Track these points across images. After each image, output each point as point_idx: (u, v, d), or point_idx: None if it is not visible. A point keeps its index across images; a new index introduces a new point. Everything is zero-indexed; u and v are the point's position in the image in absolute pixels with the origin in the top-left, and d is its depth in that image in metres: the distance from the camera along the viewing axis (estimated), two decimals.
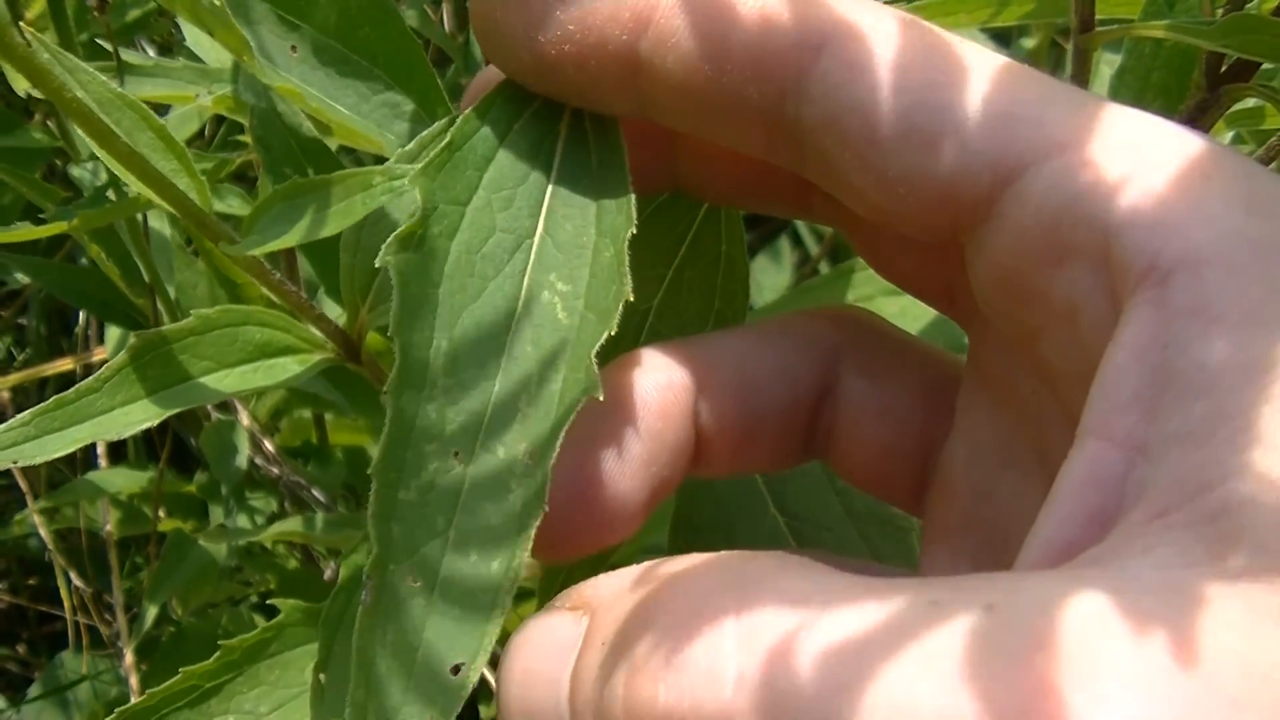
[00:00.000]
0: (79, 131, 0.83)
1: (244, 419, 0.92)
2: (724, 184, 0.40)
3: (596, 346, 0.32)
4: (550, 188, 0.34)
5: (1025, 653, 0.22)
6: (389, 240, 0.31)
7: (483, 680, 1.02)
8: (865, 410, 0.38)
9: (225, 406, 0.97)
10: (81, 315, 1.06)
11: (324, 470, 0.95)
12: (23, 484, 1.00)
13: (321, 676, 0.49)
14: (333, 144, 0.55)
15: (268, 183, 0.54)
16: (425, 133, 0.48)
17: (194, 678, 0.54)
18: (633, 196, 0.34)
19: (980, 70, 0.31)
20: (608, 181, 0.35)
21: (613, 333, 0.32)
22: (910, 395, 0.39)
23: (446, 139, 0.34)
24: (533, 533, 0.30)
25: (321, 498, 0.91)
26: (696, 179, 0.40)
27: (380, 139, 0.51)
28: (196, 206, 0.42)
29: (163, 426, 1.13)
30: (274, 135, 0.55)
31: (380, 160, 0.49)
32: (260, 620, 1.03)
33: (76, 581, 1.06)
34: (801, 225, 1.20)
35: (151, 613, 0.92)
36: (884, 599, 0.24)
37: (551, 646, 0.30)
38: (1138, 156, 0.29)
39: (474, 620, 0.30)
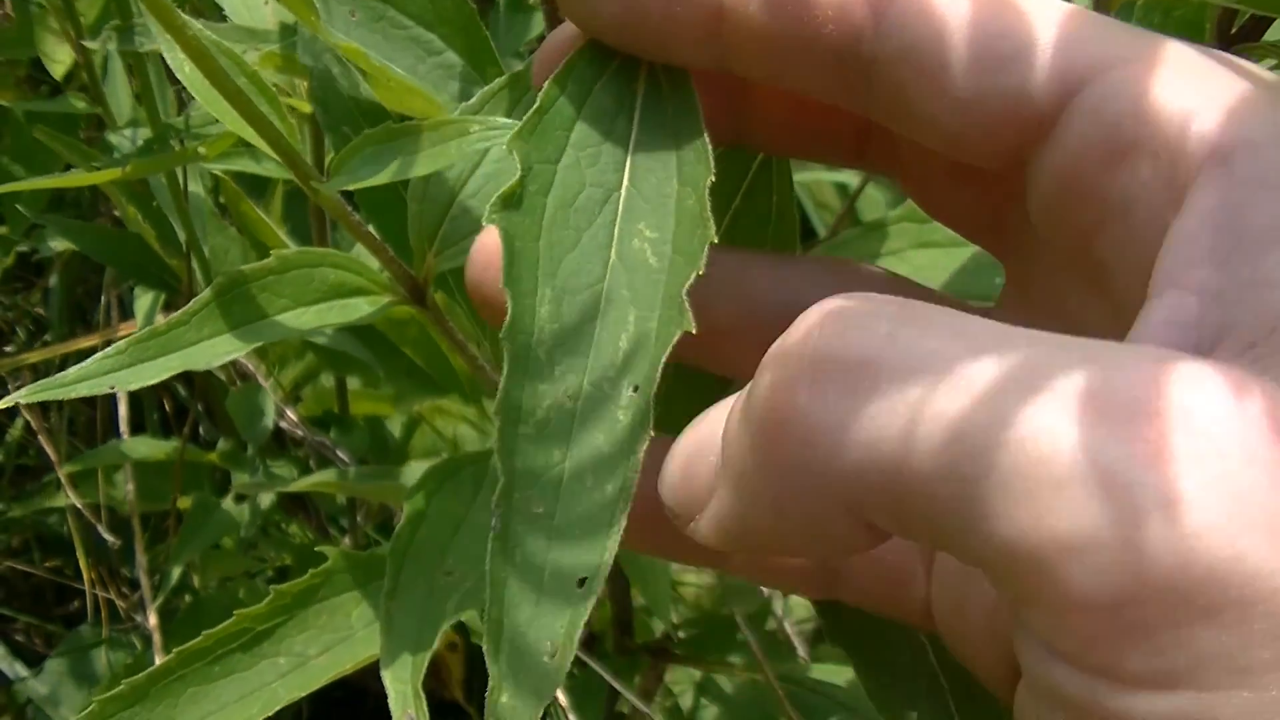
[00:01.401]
0: (118, 97, 0.86)
1: (265, 382, 0.94)
2: (787, 134, 0.43)
3: (687, 285, 0.34)
4: (632, 142, 0.37)
5: (1145, 404, 0.25)
6: (492, 201, 0.34)
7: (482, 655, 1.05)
8: None
9: (246, 376, 1.00)
10: (103, 297, 1.07)
11: (346, 436, 0.97)
12: (51, 453, 1.02)
13: (391, 605, 0.51)
14: None
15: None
16: (485, 89, 0.51)
17: (247, 620, 0.57)
18: (709, 145, 0.37)
19: (1045, 3, 0.34)
20: (684, 133, 0.37)
21: (700, 273, 0.34)
22: None
23: (536, 104, 0.36)
24: (640, 455, 0.33)
25: (347, 459, 0.94)
26: (760, 130, 0.43)
27: (432, 99, 0.54)
28: (290, 145, 0.45)
29: (181, 406, 1.15)
30: (332, 96, 0.58)
31: None
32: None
33: (102, 548, 1.07)
34: (811, 210, 1.22)
35: (175, 573, 0.94)
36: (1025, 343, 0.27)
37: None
38: (1194, 67, 0.32)
39: (594, 539, 0.32)
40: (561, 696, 0.74)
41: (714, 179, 0.36)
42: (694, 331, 0.34)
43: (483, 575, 0.50)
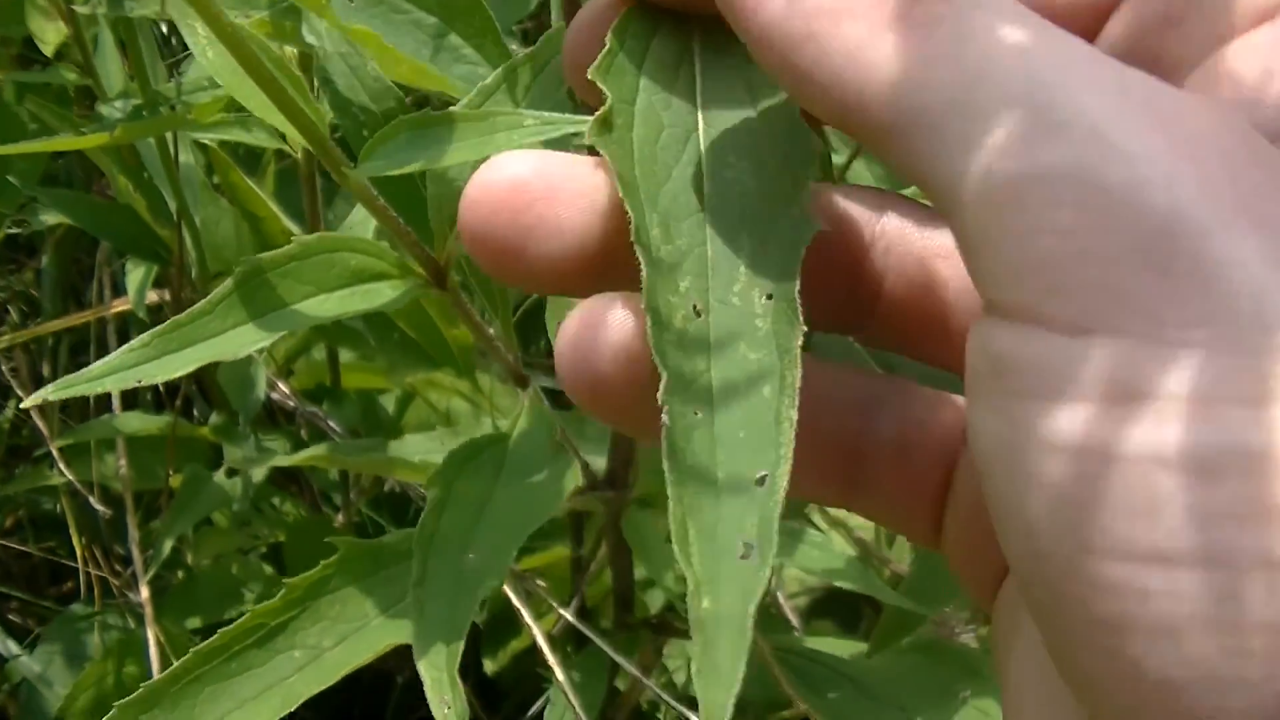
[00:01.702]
0: (109, 70, 0.85)
1: (262, 365, 0.94)
2: None
3: (802, 190, 0.34)
4: (699, 87, 0.37)
5: None
6: (590, 123, 0.34)
7: (481, 630, 1.05)
8: (922, 256, 0.38)
9: None
10: (95, 275, 1.06)
11: (338, 409, 0.97)
12: (44, 430, 1.01)
13: (421, 593, 0.51)
14: None
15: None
16: (504, 66, 0.51)
17: (260, 615, 0.57)
18: None
19: None
20: (754, 70, 0.37)
21: (816, 178, 0.35)
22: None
23: (606, 47, 0.36)
24: (798, 352, 0.32)
25: (339, 431, 0.93)
26: None
27: (446, 80, 0.53)
28: (320, 131, 0.45)
29: (174, 383, 1.14)
30: (340, 76, 0.57)
31: (449, 101, 0.51)
32: (269, 569, 1.06)
33: (95, 527, 1.07)
34: None
35: (167, 547, 0.94)
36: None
37: None
38: None
39: (763, 438, 0.32)
40: (560, 674, 0.74)
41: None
42: (826, 229, 0.34)
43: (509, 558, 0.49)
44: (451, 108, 0.49)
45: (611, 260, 0.35)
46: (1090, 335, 0.26)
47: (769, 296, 0.33)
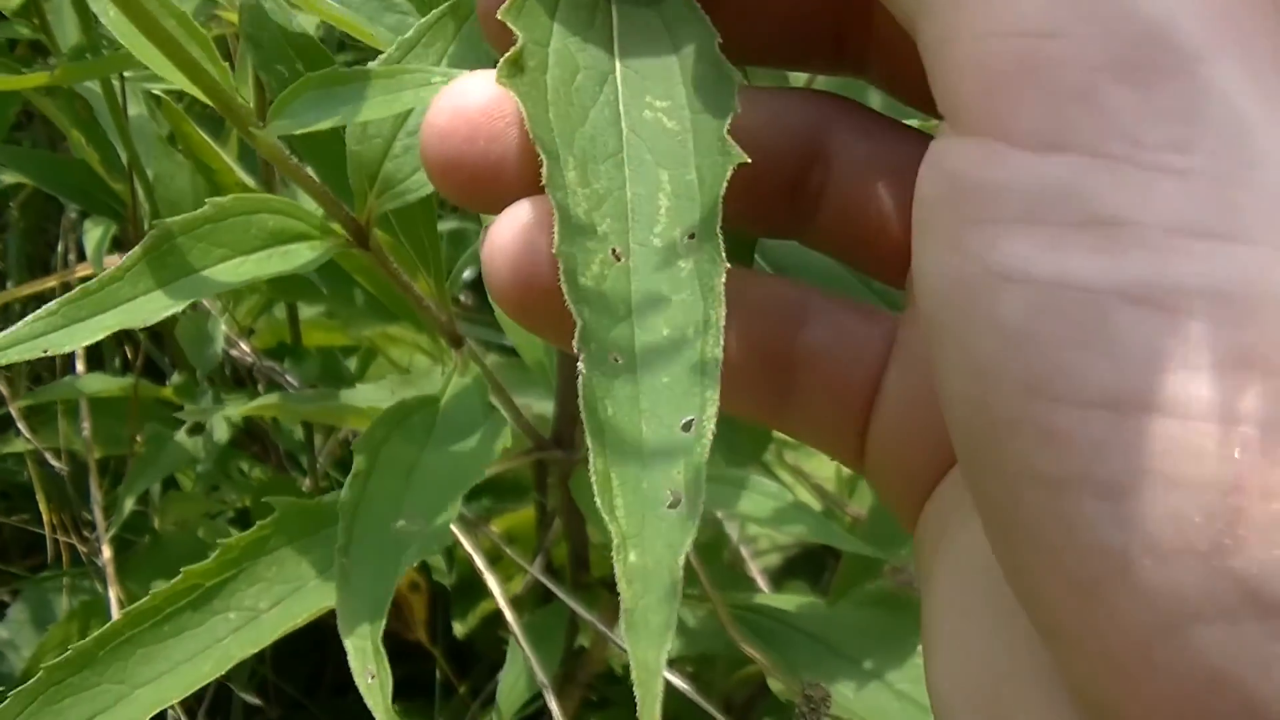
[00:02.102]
0: (65, 27, 0.84)
1: (221, 321, 0.93)
2: (759, 41, 0.39)
3: (726, 126, 0.33)
4: (615, 25, 0.35)
5: None
6: (500, 64, 0.33)
7: (450, 592, 1.04)
8: (868, 167, 0.37)
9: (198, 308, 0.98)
10: (60, 243, 1.06)
11: (299, 366, 0.96)
12: (5, 391, 1.00)
13: (346, 561, 0.50)
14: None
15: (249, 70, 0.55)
16: (422, 21, 0.50)
17: (195, 577, 0.56)
18: (702, 10, 0.35)
19: None
20: (671, 9, 0.36)
21: (738, 111, 0.33)
22: (911, 158, 0.39)
23: None
24: (721, 291, 0.32)
25: (297, 385, 0.93)
26: (732, 40, 0.41)
27: (372, 31, 0.52)
28: (225, 91, 0.44)
29: (134, 339, 1.14)
30: (264, 32, 0.56)
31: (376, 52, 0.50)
32: (236, 533, 1.05)
33: (64, 495, 1.07)
34: None
35: (128, 505, 0.93)
36: None
37: None
38: None
39: (687, 383, 0.31)
40: (517, 629, 0.74)
41: (720, 40, 0.34)
42: (749, 161, 0.32)
43: (440, 524, 0.49)
44: (371, 63, 0.48)
45: None
46: (1059, 153, 0.24)
47: (691, 236, 0.32)
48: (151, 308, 0.46)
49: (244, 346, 0.96)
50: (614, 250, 0.32)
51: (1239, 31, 0.25)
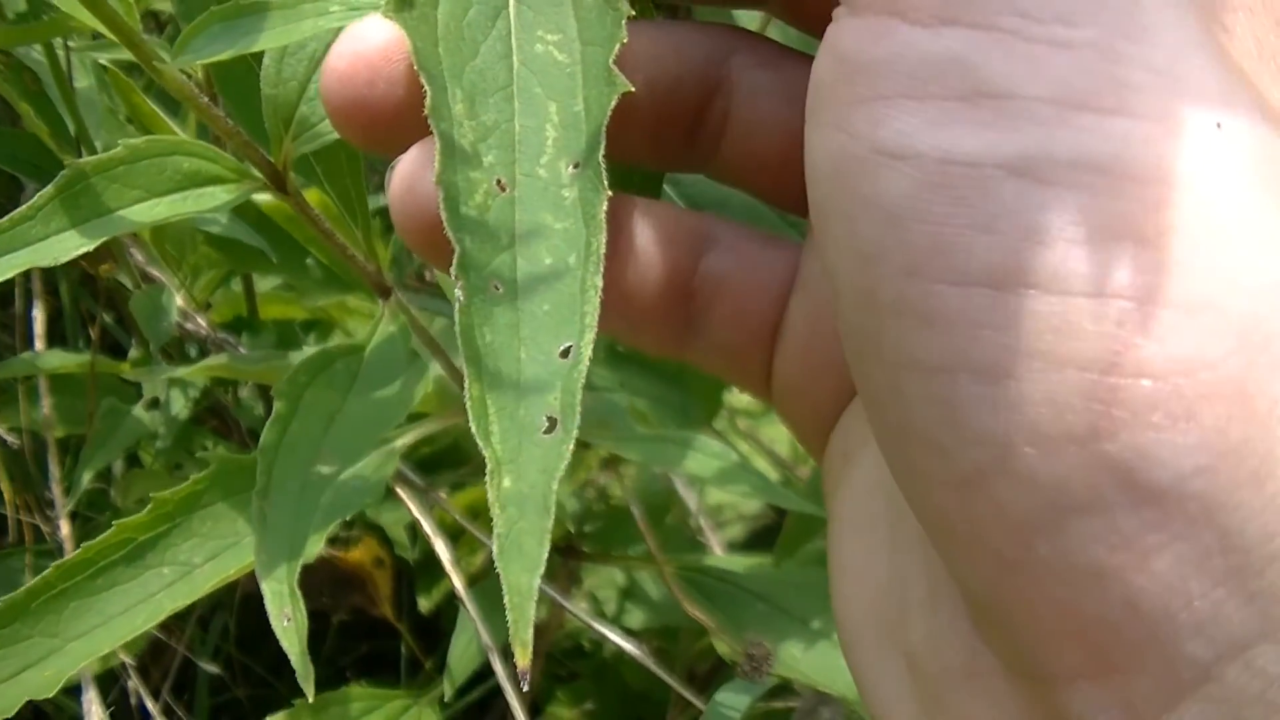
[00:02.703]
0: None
1: (177, 294, 0.93)
2: None
3: (612, 57, 0.33)
4: None
5: None
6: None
7: (414, 569, 1.05)
8: (766, 97, 0.37)
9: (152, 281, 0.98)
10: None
11: (255, 339, 0.96)
12: None
13: (264, 504, 0.51)
14: None
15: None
16: None
17: (127, 530, 0.57)
18: None
19: None
20: None
21: (624, 41, 0.33)
22: None
23: None
24: (603, 219, 0.32)
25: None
26: None
27: None
28: (126, 24, 0.44)
29: (103, 330, 1.14)
30: None
31: None
32: None
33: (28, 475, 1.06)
34: None
35: (86, 477, 0.93)
36: None
37: None
38: None
39: (568, 310, 0.31)
40: (467, 599, 0.74)
41: None
42: (633, 90, 0.33)
43: (359, 474, 0.49)
44: None
45: None
46: (949, 26, 0.24)
47: (575, 165, 0.33)
48: (63, 246, 0.47)
49: (199, 320, 0.96)
50: (499, 180, 0.32)
51: None
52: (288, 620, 0.49)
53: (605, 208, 0.32)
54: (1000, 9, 0.24)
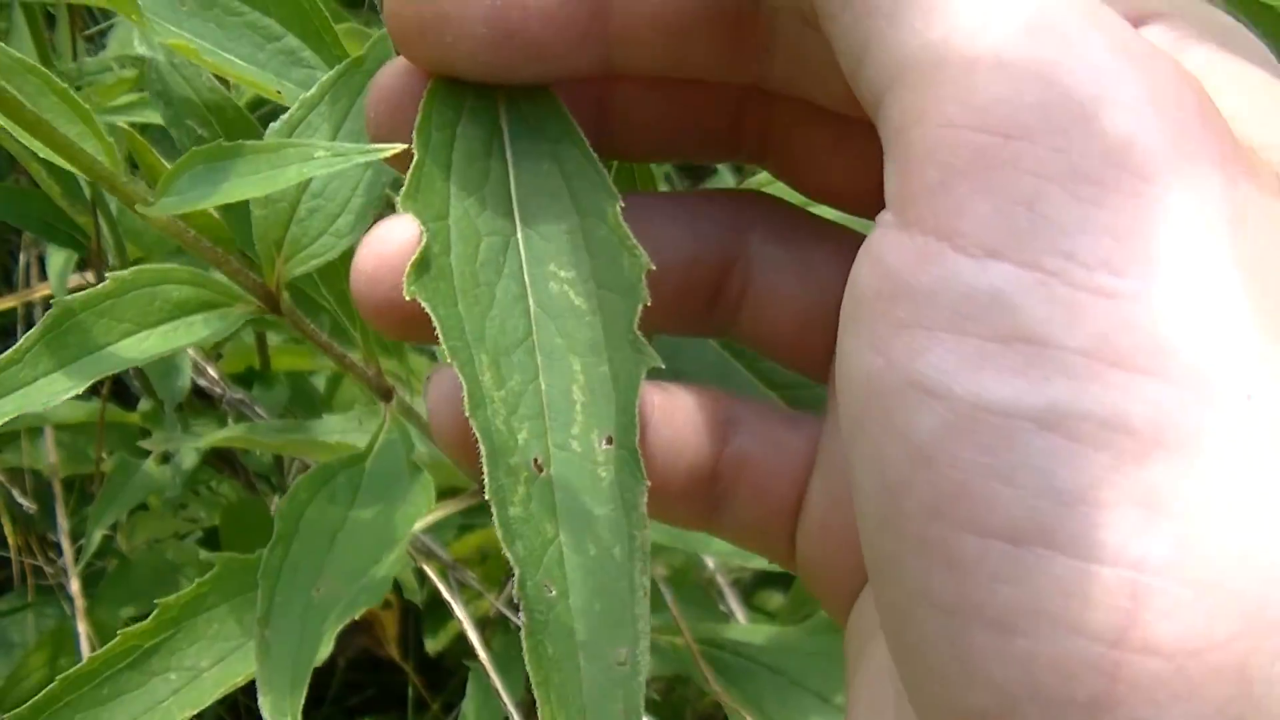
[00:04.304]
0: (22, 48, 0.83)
1: (188, 352, 0.92)
2: (654, 135, 0.40)
3: (635, 320, 0.33)
4: (512, 179, 0.35)
5: None
6: (408, 271, 0.32)
7: (421, 610, 1.04)
8: (783, 271, 0.38)
9: None
10: (22, 256, 1.04)
11: (267, 392, 0.95)
12: None
13: (266, 632, 0.49)
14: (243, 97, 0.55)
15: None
16: (325, 77, 0.48)
17: (133, 638, 0.55)
18: (600, 165, 0.35)
19: None
20: (569, 156, 0.35)
21: (647, 303, 0.33)
22: (828, 259, 0.38)
23: (415, 158, 0.33)
24: (643, 508, 0.32)
25: (265, 415, 0.92)
26: (623, 137, 0.40)
27: (278, 87, 0.51)
28: (107, 170, 0.42)
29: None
30: (173, 91, 0.54)
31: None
32: (205, 553, 1.04)
33: (30, 517, 1.06)
34: None
35: (97, 536, 0.93)
36: None
37: None
38: None
39: (620, 611, 0.31)
40: (481, 653, 0.73)
41: (622, 205, 0.34)
42: (662, 367, 0.33)
43: (365, 584, 0.48)
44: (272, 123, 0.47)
45: None
46: (996, 261, 0.24)
47: (609, 440, 0.32)
48: (51, 390, 0.45)
49: (212, 373, 0.94)
50: (535, 460, 0.32)
51: (1195, 155, 0.24)
52: None
53: (645, 497, 0.32)
54: (1047, 249, 0.24)
